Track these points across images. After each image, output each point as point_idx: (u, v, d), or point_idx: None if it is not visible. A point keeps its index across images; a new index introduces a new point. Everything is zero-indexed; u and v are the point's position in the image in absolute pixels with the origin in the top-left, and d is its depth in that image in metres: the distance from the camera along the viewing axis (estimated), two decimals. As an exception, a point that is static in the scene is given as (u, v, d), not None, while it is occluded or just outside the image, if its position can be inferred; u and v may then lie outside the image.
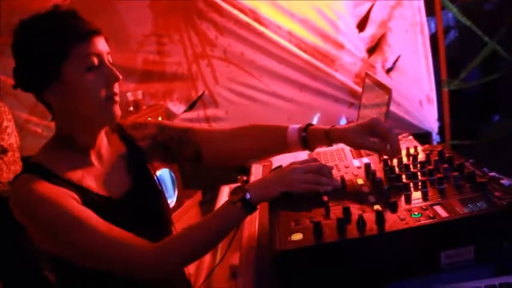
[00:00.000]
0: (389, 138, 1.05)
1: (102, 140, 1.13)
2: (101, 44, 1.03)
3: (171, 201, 2.54)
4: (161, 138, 1.22)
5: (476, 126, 3.68)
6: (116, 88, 1.05)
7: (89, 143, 1.09)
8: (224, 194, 1.92)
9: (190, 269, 1.32)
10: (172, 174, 2.58)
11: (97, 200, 1.05)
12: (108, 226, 0.99)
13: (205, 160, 1.23)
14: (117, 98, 1.05)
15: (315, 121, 2.82)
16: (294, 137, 1.13)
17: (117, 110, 1.06)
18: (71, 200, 0.99)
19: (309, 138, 1.13)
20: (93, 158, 1.10)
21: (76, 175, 1.05)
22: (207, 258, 1.40)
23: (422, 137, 2.82)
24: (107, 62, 1.04)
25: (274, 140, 1.17)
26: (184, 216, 2.58)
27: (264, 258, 1.10)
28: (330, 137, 1.10)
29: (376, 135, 1.07)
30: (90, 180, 1.07)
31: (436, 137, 2.86)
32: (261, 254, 1.13)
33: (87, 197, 1.03)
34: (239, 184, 1.74)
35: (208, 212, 1.20)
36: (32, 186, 0.97)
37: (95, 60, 1.01)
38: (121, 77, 1.04)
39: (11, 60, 1.03)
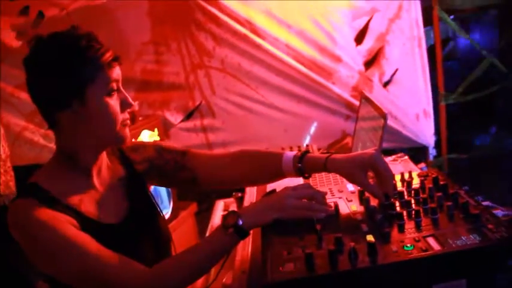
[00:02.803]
0: (385, 182, 1.03)
1: (103, 160, 1.14)
2: (118, 71, 1.06)
3: (167, 212, 2.52)
4: (158, 161, 1.22)
5: (473, 139, 3.69)
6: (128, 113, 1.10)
7: (91, 163, 1.09)
8: (219, 208, 1.91)
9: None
10: (168, 186, 2.57)
11: (95, 226, 1.04)
12: (105, 251, 0.99)
13: (201, 184, 1.23)
14: (128, 122, 1.09)
15: (312, 131, 2.82)
16: (289, 166, 1.13)
17: (128, 133, 1.09)
18: (69, 226, 0.99)
19: (305, 168, 1.11)
20: (94, 179, 1.10)
21: (75, 198, 1.05)
22: (201, 278, 1.40)
23: (419, 151, 2.82)
24: (121, 88, 1.07)
25: (270, 168, 1.16)
26: (180, 227, 2.56)
27: (256, 283, 1.09)
28: (327, 167, 1.09)
29: (374, 171, 1.05)
30: (88, 204, 1.07)
31: (432, 151, 2.85)
32: (253, 279, 1.13)
33: (85, 222, 1.03)
34: (233, 199, 1.75)
35: (203, 222, 1.19)
36: (31, 212, 0.97)
37: (114, 86, 1.05)
38: (134, 104, 1.09)
39: (11, 68, 1.02)
